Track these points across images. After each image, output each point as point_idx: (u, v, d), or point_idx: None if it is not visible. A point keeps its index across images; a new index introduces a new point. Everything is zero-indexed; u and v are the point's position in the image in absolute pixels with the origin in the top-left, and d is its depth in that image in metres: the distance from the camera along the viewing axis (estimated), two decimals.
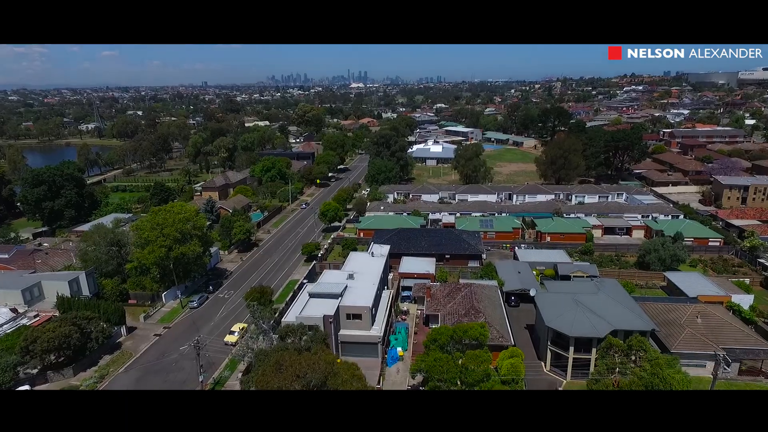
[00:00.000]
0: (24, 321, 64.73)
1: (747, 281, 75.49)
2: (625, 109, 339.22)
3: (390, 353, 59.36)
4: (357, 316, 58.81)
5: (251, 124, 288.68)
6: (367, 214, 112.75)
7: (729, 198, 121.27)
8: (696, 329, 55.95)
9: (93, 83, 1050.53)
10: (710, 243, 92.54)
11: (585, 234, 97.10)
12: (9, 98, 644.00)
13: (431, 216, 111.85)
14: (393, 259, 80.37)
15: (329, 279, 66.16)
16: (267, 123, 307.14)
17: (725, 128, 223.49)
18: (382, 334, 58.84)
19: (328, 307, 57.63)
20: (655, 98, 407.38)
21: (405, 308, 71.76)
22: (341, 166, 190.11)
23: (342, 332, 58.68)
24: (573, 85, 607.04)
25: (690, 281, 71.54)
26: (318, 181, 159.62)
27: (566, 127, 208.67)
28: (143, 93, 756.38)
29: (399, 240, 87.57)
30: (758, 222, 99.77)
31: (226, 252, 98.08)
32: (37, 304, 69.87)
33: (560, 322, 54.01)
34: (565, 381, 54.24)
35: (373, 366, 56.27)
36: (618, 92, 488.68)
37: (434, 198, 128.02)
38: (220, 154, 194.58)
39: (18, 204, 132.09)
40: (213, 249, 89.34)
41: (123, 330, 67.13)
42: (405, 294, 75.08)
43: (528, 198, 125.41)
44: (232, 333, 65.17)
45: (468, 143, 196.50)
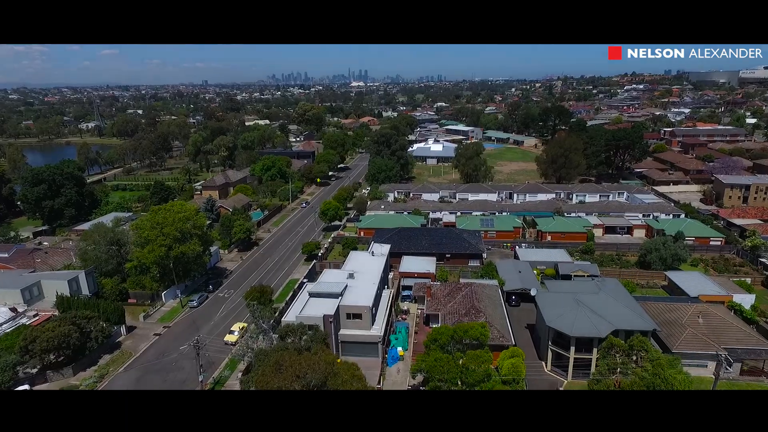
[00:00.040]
0: (23, 320, 64.58)
1: (748, 281, 75.23)
2: (626, 108, 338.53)
3: (390, 353, 59.19)
4: (357, 316, 58.64)
5: (251, 123, 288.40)
6: (368, 213, 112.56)
7: (730, 197, 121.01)
8: (697, 329, 55.74)
9: (93, 82, 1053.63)
10: (711, 242, 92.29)
11: (586, 233, 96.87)
12: (9, 97, 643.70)
13: (432, 215, 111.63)
14: (393, 259, 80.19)
15: (329, 278, 65.99)
16: (267, 122, 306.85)
17: (726, 127, 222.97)
18: (383, 334, 58.67)
19: (328, 307, 57.47)
20: (656, 97, 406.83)
21: (405, 307, 71.56)
22: (341, 165, 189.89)
23: (342, 332, 58.51)
24: (574, 84, 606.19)
25: (691, 281, 71.32)
26: (318, 180, 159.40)
27: (567, 126, 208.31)
28: (143, 92, 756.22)
29: (399, 239, 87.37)
30: (759, 221, 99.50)
31: (226, 251, 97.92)
32: (37, 304, 69.73)
33: (561, 322, 53.81)
34: (566, 381, 54.05)
35: (374, 366, 56.11)
36: (619, 91, 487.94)
37: (435, 197, 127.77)
38: (221, 153, 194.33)
39: (18, 203, 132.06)
40: (213, 248, 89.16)
41: (123, 329, 66.99)
42: (405, 293, 74.89)
43: (529, 197, 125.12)
44: (232, 332, 65.01)
45: (468, 142, 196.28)
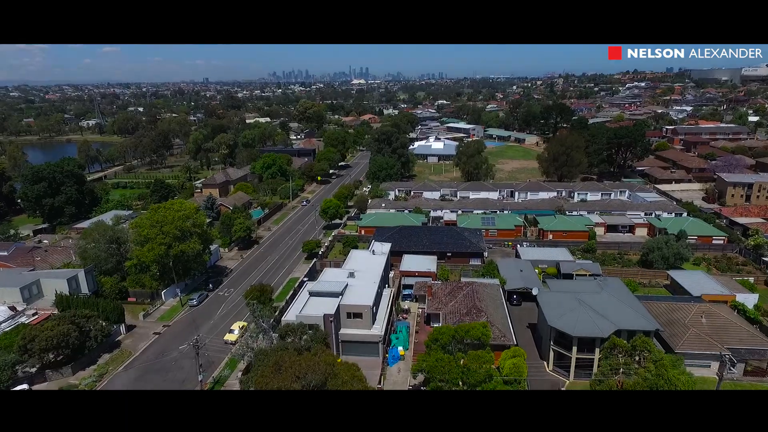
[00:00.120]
0: (23, 319, 64.34)
1: (751, 280, 74.79)
2: (628, 106, 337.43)
3: (391, 352, 58.87)
4: (358, 315, 58.28)
5: (252, 121, 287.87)
6: (368, 212, 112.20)
7: (733, 195, 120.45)
8: (700, 329, 55.34)
9: (94, 79, 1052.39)
10: (714, 241, 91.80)
11: (587, 232, 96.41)
12: (10, 94, 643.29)
13: (433, 213, 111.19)
14: (394, 257, 79.79)
15: (330, 277, 65.63)
16: (268, 119, 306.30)
17: (728, 125, 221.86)
18: (383, 333, 58.33)
19: (329, 306, 57.12)
20: (658, 95, 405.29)
21: (406, 307, 71.19)
22: (342, 163, 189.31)
23: (342, 331, 58.17)
24: (575, 82, 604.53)
25: (694, 280, 70.87)
26: (319, 178, 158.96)
27: (568, 124, 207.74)
28: (144, 89, 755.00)
29: (400, 238, 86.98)
30: (762, 220, 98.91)
31: (227, 249, 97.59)
32: (36, 302, 69.46)
33: (563, 322, 53.42)
34: (568, 381, 53.68)
35: (374, 365, 55.80)
36: (620, 89, 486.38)
37: (436, 195, 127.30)
38: (221, 151, 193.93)
39: (18, 200, 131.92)
40: (213, 246, 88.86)
41: (122, 328, 66.71)
42: (406, 292, 74.51)
43: (530, 195, 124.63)
44: (232, 332, 64.70)
45: (469, 140, 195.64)
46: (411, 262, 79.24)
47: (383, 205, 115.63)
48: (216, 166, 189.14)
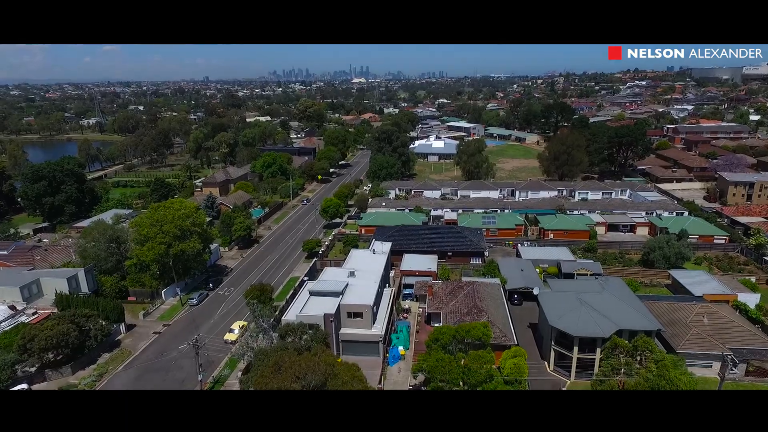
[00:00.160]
0: (22, 318, 64.21)
1: (753, 279, 74.56)
2: (629, 105, 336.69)
3: (391, 352, 58.71)
4: (358, 315, 58.11)
5: (252, 120, 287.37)
6: (369, 211, 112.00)
7: (734, 195, 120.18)
8: (702, 329, 55.13)
9: (95, 78, 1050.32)
10: (715, 240, 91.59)
11: (588, 231, 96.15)
12: (11, 93, 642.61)
13: (433, 212, 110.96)
14: (394, 257, 79.56)
15: (330, 277, 65.41)
16: (268, 118, 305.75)
17: (730, 124, 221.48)
18: (384, 333, 58.16)
19: (329, 306, 56.94)
20: (659, 94, 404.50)
21: (406, 306, 71.02)
22: (343, 162, 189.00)
23: (343, 331, 58.01)
24: (576, 81, 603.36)
25: (695, 280, 70.64)
26: (319, 177, 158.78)
27: (569, 123, 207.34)
28: (145, 88, 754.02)
29: (401, 237, 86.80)
30: (764, 219, 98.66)
31: (227, 248, 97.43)
32: (36, 302, 69.30)
33: (564, 322, 53.21)
34: (569, 381, 53.51)
35: (375, 365, 55.64)
36: (621, 88, 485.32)
37: (436, 194, 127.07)
38: (221, 150, 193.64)
39: (18, 199, 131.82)
40: (213, 246, 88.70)
41: (122, 328, 66.55)
42: (406, 292, 74.34)
43: (531, 194, 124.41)
44: (232, 331, 64.55)
45: (470, 139, 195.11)
46: (411, 262, 79.06)
47: (384, 204, 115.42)
48: (216, 165, 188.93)
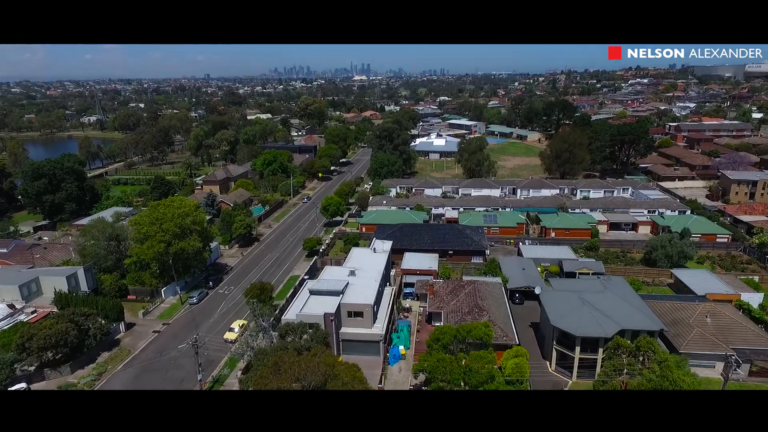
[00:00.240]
0: (21, 317, 63.95)
1: (756, 279, 74.06)
2: (630, 103, 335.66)
3: (392, 352, 58.38)
4: (358, 314, 57.79)
5: (253, 117, 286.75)
6: (370, 209, 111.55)
7: (737, 193, 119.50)
8: (705, 329, 54.69)
9: (96, 75, 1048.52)
10: (718, 239, 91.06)
11: (590, 230, 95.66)
12: (12, 90, 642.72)
13: (434, 211, 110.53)
14: (395, 255, 79.14)
15: (330, 275, 65.07)
16: (269, 116, 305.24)
17: (732, 122, 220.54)
18: (384, 333, 57.82)
19: (329, 305, 56.61)
20: (661, 91, 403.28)
21: (407, 305, 70.66)
22: (343, 160, 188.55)
23: (343, 330, 57.70)
24: (577, 78, 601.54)
25: (698, 279, 70.13)
26: (320, 175, 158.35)
27: (571, 121, 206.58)
28: (146, 85, 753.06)
29: (401, 235, 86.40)
30: (767, 218, 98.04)
31: (227, 247, 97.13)
32: (35, 300, 69.03)
33: (566, 322, 52.80)
34: (571, 381, 53.12)
35: (375, 365, 55.34)
36: (623, 85, 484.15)
37: (437, 192, 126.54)
38: (222, 148, 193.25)
39: (19, 197, 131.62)
40: (213, 244, 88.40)
41: (121, 326, 66.27)
42: (407, 291, 73.96)
43: (532, 192, 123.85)
44: (232, 330, 64.26)
45: (471, 136, 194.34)
46: (412, 260, 78.67)
47: (384, 203, 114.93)
48: (217, 163, 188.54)
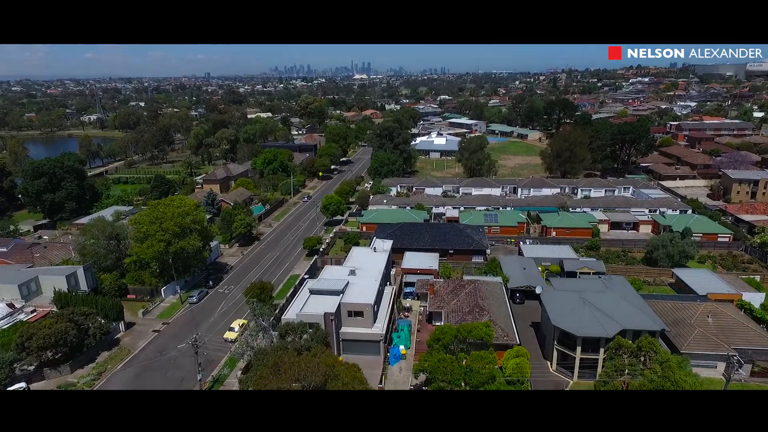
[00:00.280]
0: (21, 316, 63.79)
1: (758, 278, 73.77)
2: (631, 101, 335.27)
3: (392, 351, 58.18)
4: (359, 314, 57.59)
5: (253, 116, 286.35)
6: (370, 208, 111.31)
7: (738, 192, 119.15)
8: (707, 329, 54.44)
9: (96, 74, 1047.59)
10: (719, 239, 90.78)
11: (591, 229, 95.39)
12: (12, 89, 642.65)
13: (435, 210, 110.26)
14: (395, 254, 78.94)
15: (330, 275, 64.87)
16: (269, 114, 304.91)
17: (733, 121, 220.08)
18: (385, 332, 57.63)
19: (329, 304, 56.42)
20: (662, 90, 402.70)
21: (407, 305, 70.46)
22: (344, 159, 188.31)
23: (343, 330, 57.51)
24: (578, 77, 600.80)
25: (699, 278, 69.89)
26: (320, 174, 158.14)
27: (572, 120, 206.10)
28: (146, 84, 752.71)
29: (402, 234, 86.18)
30: None
31: (227, 246, 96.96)
32: (35, 299, 68.88)
33: (567, 322, 52.58)
34: (572, 381, 52.91)
35: (375, 364, 55.18)
36: (623, 84, 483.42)
37: (438, 191, 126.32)
38: (222, 146, 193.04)
39: (19, 196, 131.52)
40: (213, 243, 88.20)
41: (121, 326, 66.11)
42: (408, 290, 73.75)
43: (533, 192, 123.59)
44: (232, 329, 64.10)
45: (472, 135, 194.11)
46: (413, 260, 78.46)
47: (385, 202, 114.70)
48: (217, 162, 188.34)
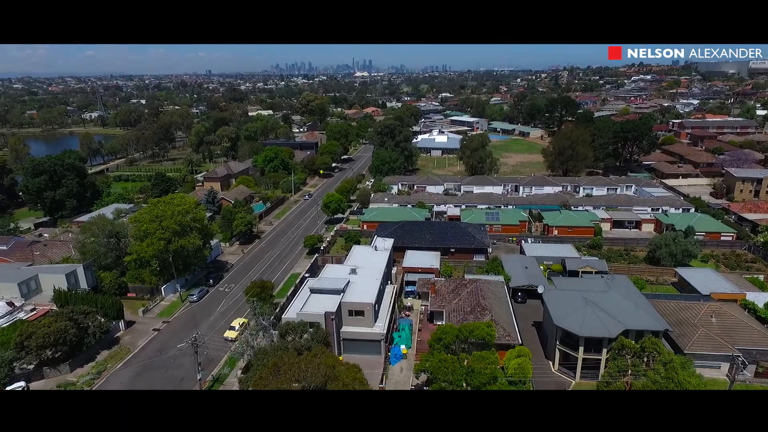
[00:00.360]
0: (21, 315, 63.57)
1: (761, 278, 73.28)
2: (633, 99, 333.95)
3: (393, 351, 57.83)
4: (359, 313, 57.26)
5: (255, 114, 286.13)
6: (371, 206, 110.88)
7: (741, 191, 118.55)
8: (710, 329, 54.01)
9: (97, 71, 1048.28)
10: (722, 237, 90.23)
11: (593, 227, 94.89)
12: (13, 86, 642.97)
13: (436, 208, 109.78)
14: (397, 253, 78.55)
15: (331, 274, 64.55)
16: (270, 112, 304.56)
17: (736, 119, 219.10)
18: (385, 332, 57.30)
19: (330, 304, 56.08)
20: (664, 88, 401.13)
21: (409, 304, 70.09)
22: (345, 157, 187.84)
23: (344, 329, 57.20)
24: (580, 75, 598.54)
25: (703, 278, 69.42)
26: (321, 172, 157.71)
27: (574, 118, 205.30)
28: (147, 81, 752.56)
29: (403, 233, 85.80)
30: None
31: (228, 244, 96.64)
32: (34, 298, 68.64)
33: (570, 322, 52.16)
34: (574, 382, 52.53)
35: (376, 364, 54.87)
36: (626, 82, 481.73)
37: (439, 189, 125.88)
38: (223, 144, 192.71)
39: (20, 193, 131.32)
40: (213, 241, 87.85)
41: (121, 324, 65.85)
42: (409, 289, 73.35)
43: (535, 190, 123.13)
44: (232, 328, 63.82)
45: (473, 133, 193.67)
46: (414, 258, 78.07)
47: (386, 200, 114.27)
48: (218, 159, 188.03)
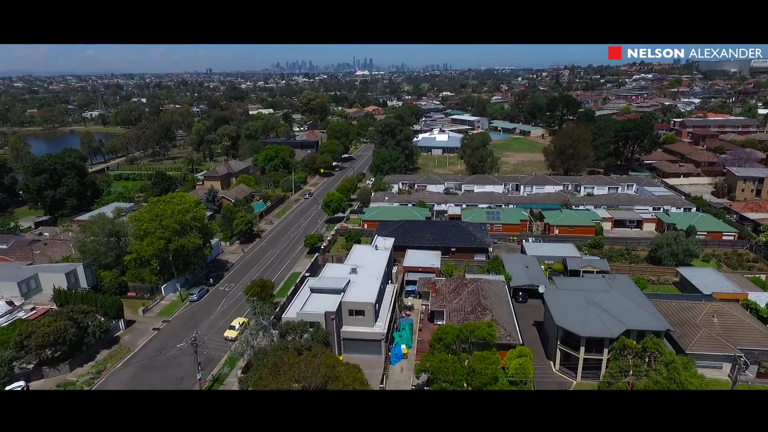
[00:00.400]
0: (20, 314, 63.47)
1: (763, 277, 72.99)
2: (635, 98, 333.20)
3: (394, 351, 57.66)
4: (360, 313, 57.08)
5: (255, 112, 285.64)
6: (372, 205, 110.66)
7: (743, 190, 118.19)
8: (712, 329, 53.78)
9: (98, 70, 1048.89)
10: (724, 237, 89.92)
11: (594, 227, 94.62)
12: (14, 85, 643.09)
13: (437, 207, 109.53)
14: (397, 252, 78.35)
15: (331, 273, 64.36)
16: (271, 111, 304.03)
17: (738, 118, 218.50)
18: (386, 331, 57.12)
19: (330, 303, 55.91)
20: (665, 87, 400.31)
21: (409, 303, 69.91)
22: (345, 155, 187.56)
23: (344, 329, 57.03)
24: (581, 73, 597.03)
25: (704, 277, 69.16)
26: (322, 171, 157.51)
27: (575, 116, 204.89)
28: (148, 80, 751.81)
29: (403, 232, 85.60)
30: None
31: (228, 243, 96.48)
32: (34, 297, 68.51)
33: (571, 321, 51.94)
34: (575, 382, 52.34)
35: (376, 364, 54.70)
36: (627, 80, 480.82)
37: (440, 188, 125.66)
38: (224, 143, 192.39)
39: (20, 192, 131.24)
40: (214, 240, 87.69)
41: (121, 324, 65.74)
42: (409, 288, 73.14)
43: (536, 189, 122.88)
44: (232, 328, 63.68)
45: (474, 132, 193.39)
46: (414, 258, 77.87)
47: (386, 199, 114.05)
48: (219, 158, 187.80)
